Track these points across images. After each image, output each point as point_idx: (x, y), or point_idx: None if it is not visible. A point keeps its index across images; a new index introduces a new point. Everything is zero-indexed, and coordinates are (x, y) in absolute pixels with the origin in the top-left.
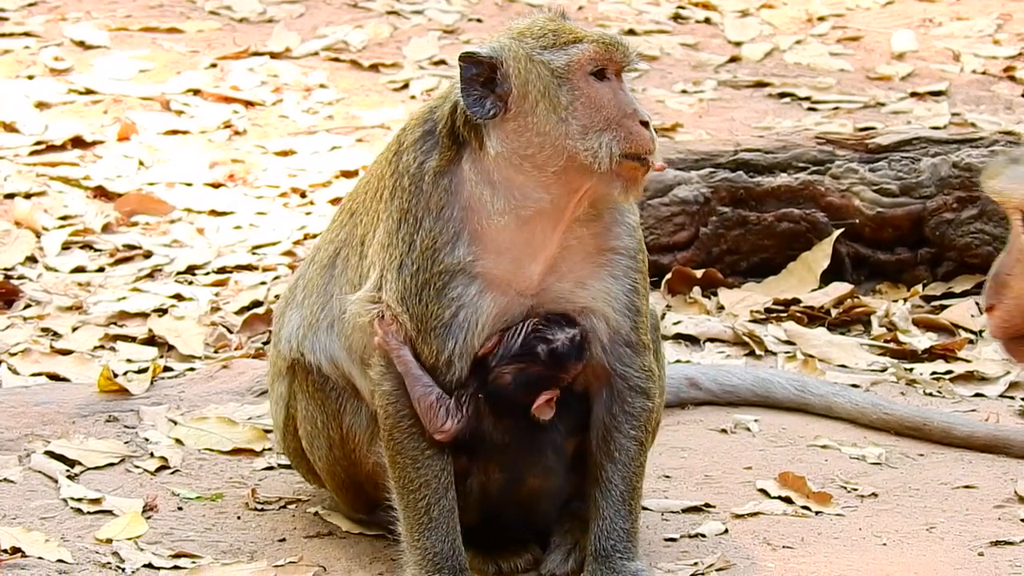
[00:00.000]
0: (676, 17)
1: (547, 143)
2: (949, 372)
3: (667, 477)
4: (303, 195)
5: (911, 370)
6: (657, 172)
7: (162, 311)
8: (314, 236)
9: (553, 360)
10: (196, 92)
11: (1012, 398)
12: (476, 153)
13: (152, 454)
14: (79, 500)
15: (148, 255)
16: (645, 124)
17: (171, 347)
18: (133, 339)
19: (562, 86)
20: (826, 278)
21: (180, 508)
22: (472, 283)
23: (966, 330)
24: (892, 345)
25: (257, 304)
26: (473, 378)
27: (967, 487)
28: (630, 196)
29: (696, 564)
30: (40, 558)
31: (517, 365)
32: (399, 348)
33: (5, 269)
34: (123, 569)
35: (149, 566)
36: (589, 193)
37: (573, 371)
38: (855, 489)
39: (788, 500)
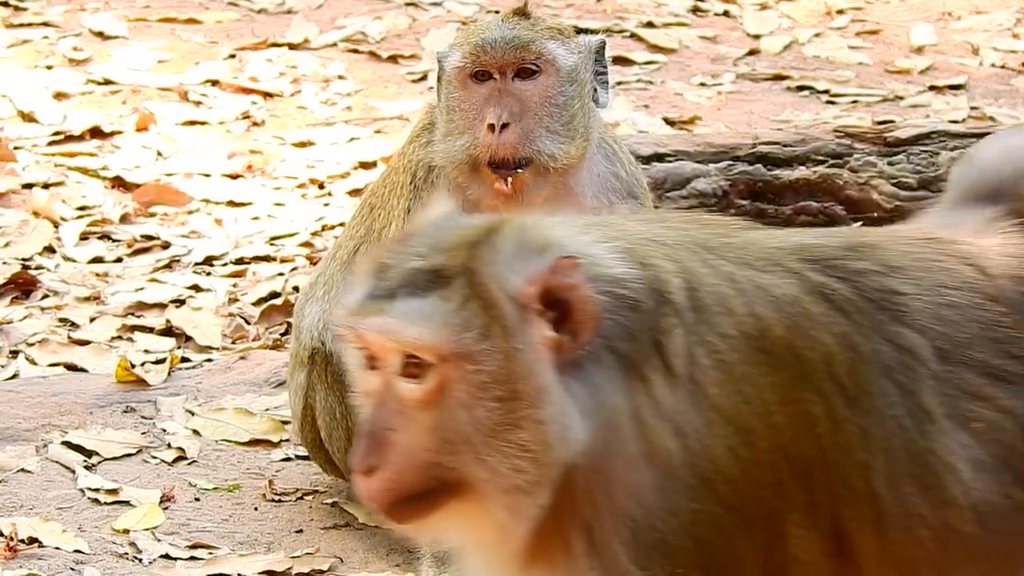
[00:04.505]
0: (695, 10)
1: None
2: None
3: None
4: (321, 186)
5: None
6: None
7: (180, 302)
8: (332, 227)
9: None
10: (214, 83)
11: None
12: None
13: (169, 445)
14: (96, 491)
15: (166, 246)
16: (492, 128)
17: (189, 338)
18: (151, 330)
19: (445, 89)
20: None
21: (197, 499)
22: None
23: None
24: None
25: (275, 295)
26: None
27: None
28: (501, 201)
29: None
30: (57, 548)
31: None
32: None
33: (23, 259)
34: (140, 560)
35: (166, 556)
36: (500, 193)
37: None
38: None
39: None
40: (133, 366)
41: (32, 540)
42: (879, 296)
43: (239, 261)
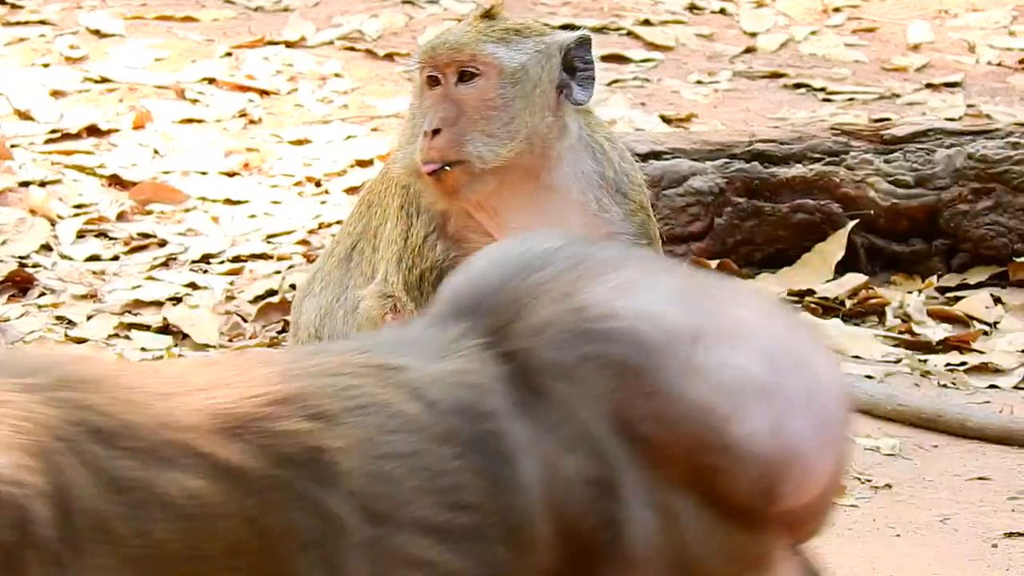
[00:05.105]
0: (691, 7)
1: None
2: (963, 363)
3: None
4: (318, 184)
5: (925, 361)
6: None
7: (177, 300)
8: (329, 225)
9: None
10: (211, 81)
11: None
12: None
13: None
14: None
15: (163, 244)
16: (427, 134)
17: (185, 336)
18: (148, 328)
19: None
20: (840, 269)
21: None
22: None
23: (981, 322)
24: (906, 336)
25: (272, 293)
26: None
27: (981, 479)
28: (444, 201)
29: None
30: None
31: None
32: None
33: (20, 257)
34: None
35: None
36: (450, 195)
37: None
38: (869, 480)
39: None
40: None
41: None
42: (305, 458)
43: (236, 259)
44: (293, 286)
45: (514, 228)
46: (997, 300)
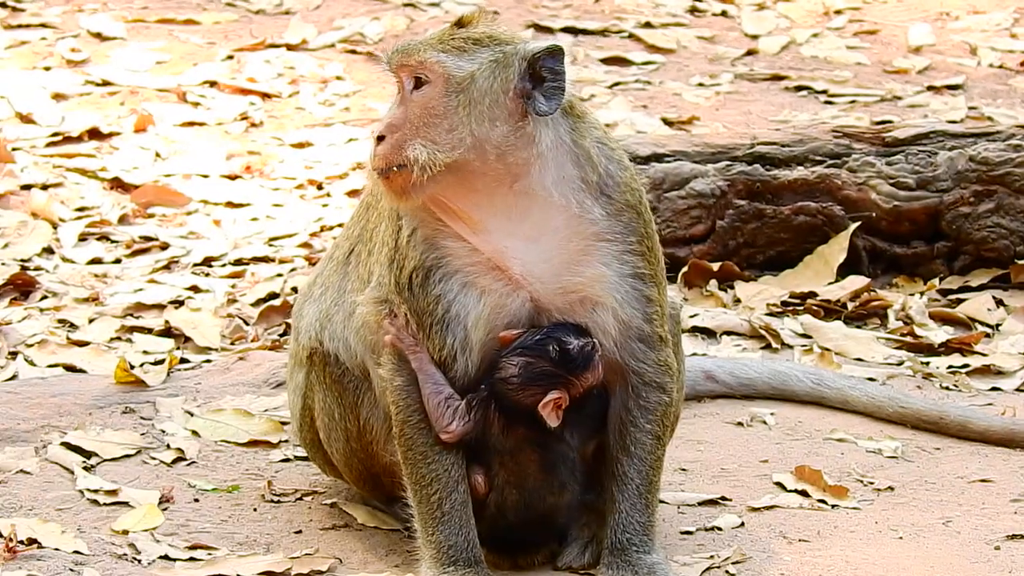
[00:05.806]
0: (693, 10)
1: None
2: (965, 366)
3: (683, 470)
4: (319, 187)
5: (927, 364)
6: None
7: (179, 303)
8: (330, 228)
9: (562, 359)
10: (213, 84)
11: None
12: None
13: (168, 446)
14: (95, 491)
15: (165, 247)
16: (375, 138)
17: (188, 339)
18: (150, 331)
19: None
20: (843, 271)
21: (196, 500)
22: (451, 279)
23: (983, 324)
24: (908, 339)
25: (273, 296)
26: (485, 377)
27: (983, 481)
28: (396, 201)
29: (712, 557)
30: (56, 549)
31: (526, 358)
32: (414, 345)
33: (22, 260)
34: (139, 560)
35: (165, 557)
36: (421, 195)
37: (580, 378)
38: (871, 483)
39: (804, 493)
40: (132, 367)
41: (31, 541)
42: None
43: (238, 262)
44: (295, 289)
45: (492, 231)
46: (999, 302)
